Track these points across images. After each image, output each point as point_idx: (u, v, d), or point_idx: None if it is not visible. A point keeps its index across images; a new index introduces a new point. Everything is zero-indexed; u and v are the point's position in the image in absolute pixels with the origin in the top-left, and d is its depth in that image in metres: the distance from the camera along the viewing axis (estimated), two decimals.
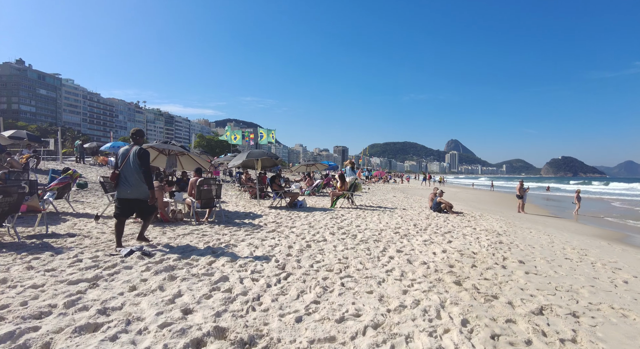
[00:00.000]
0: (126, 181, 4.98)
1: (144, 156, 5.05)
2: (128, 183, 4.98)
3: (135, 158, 4.99)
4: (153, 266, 4.19)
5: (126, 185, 4.98)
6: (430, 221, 9.91)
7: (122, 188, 5.00)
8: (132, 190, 5.00)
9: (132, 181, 4.98)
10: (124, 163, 5.00)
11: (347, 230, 7.43)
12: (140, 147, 5.15)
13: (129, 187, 4.98)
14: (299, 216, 9.38)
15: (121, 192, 5.01)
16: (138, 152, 5.03)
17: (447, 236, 7.51)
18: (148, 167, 5.12)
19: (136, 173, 4.99)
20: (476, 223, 10.41)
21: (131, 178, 4.98)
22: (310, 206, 12.00)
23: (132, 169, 4.98)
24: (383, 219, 9.60)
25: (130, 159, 5.00)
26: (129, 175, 4.97)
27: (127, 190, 4.99)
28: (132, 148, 5.09)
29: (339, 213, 10.23)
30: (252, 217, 8.93)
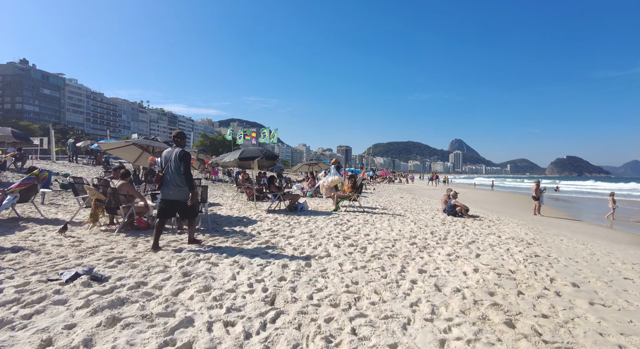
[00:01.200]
0: (168, 183, 5.10)
1: (185, 158, 5.14)
2: (170, 185, 5.10)
3: (177, 160, 5.09)
4: (96, 300, 3.08)
5: (168, 187, 5.10)
6: (448, 227, 8.75)
7: (165, 190, 5.13)
8: (173, 191, 5.11)
9: (174, 182, 5.09)
10: (167, 165, 5.12)
11: (355, 241, 6.29)
12: (182, 149, 5.23)
13: (171, 188, 5.10)
14: (298, 222, 8.25)
15: (164, 193, 5.14)
16: (180, 154, 5.14)
17: (472, 247, 6.36)
18: (189, 169, 5.21)
19: (178, 175, 5.10)
20: (498, 229, 9.26)
21: (173, 179, 5.09)
22: (312, 210, 10.87)
23: (174, 171, 5.09)
24: (394, 225, 8.45)
25: (172, 161, 5.11)
26: (171, 177, 5.09)
27: (170, 191, 5.10)
28: (174, 150, 5.18)
29: (344, 218, 9.10)
30: (245, 223, 7.81)
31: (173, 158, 5.12)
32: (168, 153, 5.23)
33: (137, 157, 9.33)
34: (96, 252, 4.74)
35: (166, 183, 5.13)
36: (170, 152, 5.22)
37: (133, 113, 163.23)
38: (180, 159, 5.12)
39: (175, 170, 5.10)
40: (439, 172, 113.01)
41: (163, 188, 5.15)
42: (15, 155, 14.56)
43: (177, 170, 5.10)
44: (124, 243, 5.42)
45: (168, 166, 5.12)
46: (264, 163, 11.39)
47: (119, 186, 6.38)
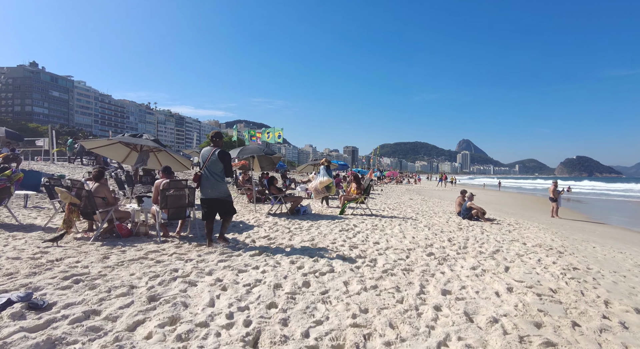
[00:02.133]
0: (207, 182, 5.24)
1: (225, 157, 5.32)
2: (209, 184, 5.24)
3: (217, 160, 5.23)
4: (15, 343, 2.30)
5: (207, 185, 5.24)
6: (466, 233, 7.89)
7: (205, 189, 5.27)
8: (212, 189, 5.25)
9: (212, 181, 5.24)
10: (205, 164, 5.24)
11: (363, 251, 5.44)
12: (222, 149, 5.40)
13: (209, 187, 5.25)
14: (300, 227, 7.44)
15: (204, 192, 5.29)
16: (219, 153, 5.28)
17: (498, 258, 5.49)
18: (230, 168, 5.42)
19: (218, 173, 5.26)
20: (520, 234, 8.39)
21: (212, 178, 5.24)
22: (315, 213, 10.05)
23: (213, 170, 5.24)
24: (407, 231, 7.60)
25: (211, 161, 5.23)
26: (210, 176, 5.23)
27: (209, 189, 5.25)
28: (213, 150, 5.29)
29: (351, 223, 8.27)
30: (240, 229, 7.02)
31: (213, 158, 5.24)
32: (207, 152, 5.33)
33: (126, 156, 8.61)
34: (55, 267, 3.97)
35: (205, 182, 5.25)
36: (209, 152, 5.32)
37: (140, 114, 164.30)
38: (221, 158, 5.27)
39: (214, 169, 5.25)
40: (446, 172, 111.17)
41: (202, 187, 5.28)
42: (8, 156, 13.96)
43: (217, 169, 5.26)
44: (95, 254, 4.66)
45: (208, 165, 5.25)
46: (265, 163, 10.62)
47: (95, 189, 5.63)
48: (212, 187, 5.28)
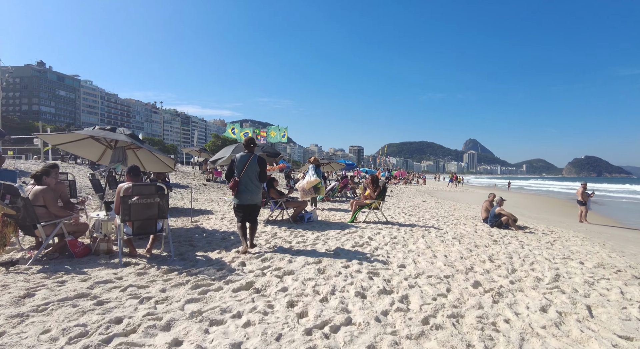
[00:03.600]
0: (247, 188, 5.22)
1: (264, 164, 5.39)
2: (249, 190, 5.23)
3: (256, 166, 5.27)
4: None
5: (247, 192, 5.23)
6: (504, 247, 6.48)
7: (244, 195, 5.23)
8: (252, 195, 5.26)
9: (252, 187, 5.25)
10: (244, 170, 5.21)
11: (387, 281, 4.03)
12: (259, 155, 5.42)
13: (249, 193, 5.24)
14: (303, 241, 6.07)
15: (243, 198, 5.24)
16: (258, 160, 5.33)
17: (566, 289, 4.08)
18: (265, 173, 5.45)
19: (256, 179, 5.29)
20: (565, 247, 7.04)
21: (251, 184, 5.25)
22: (322, 221, 8.67)
23: (252, 176, 5.26)
24: (434, 246, 6.20)
25: (249, 167, 5.22)
26: (250, 182, 5.23)
27: (248, 195, 5.24)
28: (251, 156, 5.29)
29: (365, 235, 6.88)
30: (229, 244, 5.65)
31: (252, 164, 5.24)
32: (243, 158, 5.28)
33: (101, 155, 7.32)
34: None
35: (244, 188, 5.21)
36: (246, 157, 5.29)
37: (146, 114, 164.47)
38: (260, 165, 5.31)
39: (253, 175, 5.25)
40: (452, 172, 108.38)
41: (241, 193, 5.21)
42: None
43: (256, 175, 5.27)
44: (15, 288, 3.34)
45: (247, 171, 5.21)
46: None
47: (34, 194, 4.32)
48: (253, 193, 5.26)
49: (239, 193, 5.22)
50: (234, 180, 5.19)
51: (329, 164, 17.61)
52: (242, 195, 5.22)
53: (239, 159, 5.31)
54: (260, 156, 5.43)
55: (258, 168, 5.29)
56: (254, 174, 5.26)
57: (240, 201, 5.24)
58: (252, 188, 5.24)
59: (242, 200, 5.23)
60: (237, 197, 5.25)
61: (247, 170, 5.22)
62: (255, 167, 5.27)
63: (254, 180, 5.25)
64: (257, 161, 5.30)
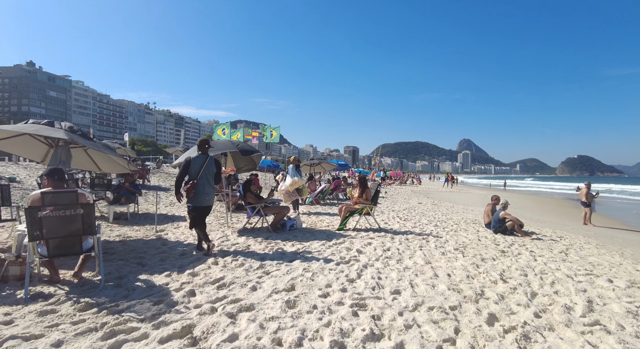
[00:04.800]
0: (204, 190, 5.17)
1: (219, 165, 5.44)
2: (206, 192, 5.19)
3: (213, 167, 5.28)
4: None
5: (204, 193, 5.17)
6: (515, 260, 5.54)
7: (201, 196, 5.15)
8: (209, 197, 5.25)
9: (208, 189, 5.23)
10: (201, 172, 5.13)
11: (378, 317, 3.00)
12: (212, 156, 5.40)
13: (206, 195, 5.21)
14: (279, 257, 5.04)
15: (200, 200, 5.16)
16: (215, 161, 5.36)
17: (610, 326, 3.14)
18: (220, 175, 5.51)
19: (212, 181, 5.30)
20: (581, 257, 6.21)
21: (208, 186, 5.22)
22: (306, 228, 7.68)
23: (209, 178, 5.24)
24: (435, 261, 5.21)
25: (206, 168, 5.18)
26: (206, 184, 5.20)
27: (206, 197, 5.21)
28: (207, 158, 5.26)
29: (353, 247, 5.89)
30: (184, 264, 4.58)
31: (208, 166, 5.20)
32: (200, 160, 5.21)
33: (45, 155, 6.27)
34: None
35: (201, 190, 5.12)
36: (202, 159, 5.23)
37: (139, 115, 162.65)
38: (217, 166, 5.34)
39: (210, 177, 5.24)
40: (447, 172, 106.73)
41: (199, 195, 5.12)
42: None
43: (212, 177, 5.27)
44: None
45: (204, 173, 5.14)
46: (241, 162, 8.27)
47: None
48: (209, 195, 5.23)
49: (196, 195, 5.11)
50: (192, 182, 5.05)
51: (320, 164, 16.62)
52: (200, 197, 5.15)
53: (195, 161, 5.22)
54: (215, 158, 5.45)
55: (215, 169, 5.31)
56: (211, 176, 5.26)
57: (195, 203, 5.15)
58: (209, 190, 5.24)
59: (199, 201, 5.16)
60: (195, 199, 5.13)
61: (204, 171, 5.16)
62: (212, 168, 5.29)
63: (210, 181, 5.25)
64: (214, 162, 5.33)
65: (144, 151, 73.82)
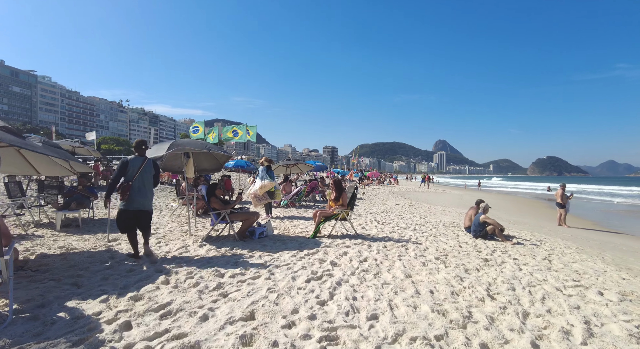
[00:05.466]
0: (140, 193, 4.93)
1: (157, 167, 5.31)
2: (142, 195, 4.95)
3: (151, 169, 5.10)
4: None
5: (140, 196, 4.93)
6: (499, 270, 5.16)
7: (136, 200, 4.89)
8: (145, 200, 4.99)
9: (145, 192, 5.00)
10: (137, 174, 4.92)
11: None
12: (151, 159, 5.22)
13: (142, 198, 4.95)
14: (242, 273, 4.44)
15: (134, 204, 4.89)
16: (153, 163, 5.20)
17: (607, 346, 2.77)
18: (158, 178, 5.36)
19: (150, 184, 5.09)
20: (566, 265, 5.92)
21: (144, 189, 4.99)
22: (278, 236, 7.10)
23: (146, 180, 5.03)
24: (415, 274, 4.74)
25: (144, 170, 4.99)
26: (143, 186, 4.97)
27: (141, 201, 4.94)
28: (145, 159, 5.06)
29: (327, 259, 5.35)
30: (129, 285, 3.90)
31: (147, 167, 5.03)
32: (137, 161, 4.99)
33: None
34: None
35: (137, 192, 4.90)
36: (140, 160, 5.00)
37: (112, 112, 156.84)
38: (155, 168, 5.19)
39: (148, 179, 5.05)
40: (423, 172, 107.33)
41: (134, 198, 4.87)
42: None
43: (150, 179, 5.09)
44: None
45: (142, 175, 4.95)
46: (206, 163, 7.58)
47: None
48: (145, 198, 5.00)
49: (130, 198, 4.87)
50: (126, 185, 4.83)
51: (296, 165, 16.03)
52: (134, 200, 4.89)
53: (133, 162, 4.98)
54: (154, 160, 5.29)
55: (153, 171, 5.14)
56: (149, 178, 5.06)
57: (131, 206, 4.88)
58: (146, 192, 5.02)
59: (133, 205, 4.89)
60: (129, 202, 4.88)
61: (141, 173, 4.96)
62: (151, 170, 5.11)
63: (147, 184, 5.04)
64: (152, 164, 5.15)
65: (116, 150, 70.93)
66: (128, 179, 4.88)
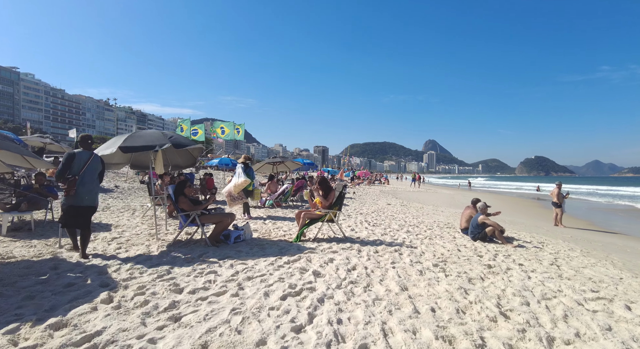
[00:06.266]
0: (85, 188, 4.78)
1: (103, 163, 5.12)
2: (89, 190, 4.82)
3: (98, 164, 4.96)
4: None
5: (86, 192, 4.80)
6: (507, 280, 4.50)
7: (81, 195, 4.75)
8: (91, 196, 4.88)
9: (92, 187, 4.87)
10: (84, 168, 4.78)
11: None
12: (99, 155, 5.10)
13: (88, 193, 4.82)
14: (205, 287, 3.67)
15: (79, 199, 4.75)
16: (100, 158, 5.05)
17: None
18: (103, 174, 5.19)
19: (97, 179, 4.97)
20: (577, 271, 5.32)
21: (91, 184, 4.86)
22: (258, 239, 6.34)
23: (93, 175, 4.90)
24: (412, 285, 4.04)
25: (91, 165, 4.86)
26: (89, 181, 4.83)
27: (86, 196, 4.81)
28: (92, 154, 4.95)
29: (310, 266, 4.63)
30: (56, 305, 3.13)
31: (93, 163, 4.88)
32: (84, 155, 4.83)
33: None
34: None
35: (82, 188, 4.74)
36: (87, 155, 4.86)
37: (98, 111, 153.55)
38: (102, 163, 5.06)
39: (95, 174, 4.92)
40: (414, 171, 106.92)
41: (80, 194, 4.72)
42: None
43: (97, 174, 4.95)
44: None
45: (88, 170, 4.80)
46: (177, 159, 6.78)
47: None
48: (90, 193, 4.83)
49: (78, 194, 4.71)
50: (73, 178, 4.65)
51: (283, 163, 15.26)
52: (80, 196, 4.73)
53: (79, 156, 4.79)
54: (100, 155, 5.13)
55: (100, 167, 4.99)
56: (95, 173, 4.91)
57: (77, 202, 4.72)
58: (92, 187, 4.88)
59: (78, 200, 4.72)
60: (77, 198, 4.71)
61: (87, 168, 4.78)
62: (98, 165, 4.96)
63: (94, 179, 4.90)
64: (100, 160, 5.01)
65: None
66: (74, 173, 4.71)
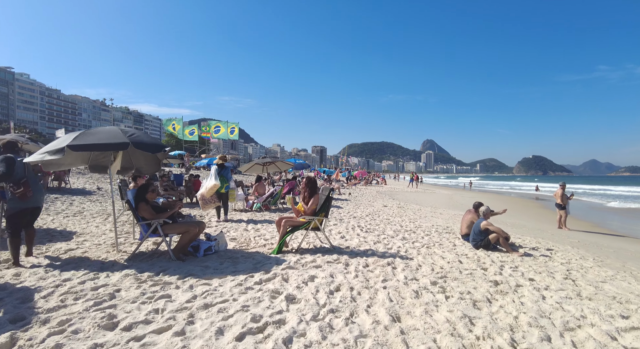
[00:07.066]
0: (36, 187, 4.78)
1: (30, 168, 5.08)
2: (38, 190, 4.83)
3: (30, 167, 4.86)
4: None
5: (37, 192, 4.78)
6: (518, 302, 3.79)
7: (36, 196, 4.75)
8: (41, 196, 4.89)
9: (40, 187, 4.90)
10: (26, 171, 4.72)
11: None
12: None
13: (39, 193, 4.84)
14: (147, 321, 2.93)
15: (34, 200, 4.74)
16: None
17: None
18: None
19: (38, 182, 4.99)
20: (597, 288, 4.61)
21: (38, 185, 4.88)
22: (233, 250, 5.60)
23: (35, 177, 4.90)
24: (405, 312, 3.32)
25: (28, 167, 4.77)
26: (35, 183, 4.83)
27: (40, 196, 4.85)
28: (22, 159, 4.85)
29: (286, 286, 3.90)
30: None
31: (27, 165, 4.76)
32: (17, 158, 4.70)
33: None
34: None
35: (35, 188, 4.73)
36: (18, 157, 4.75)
37: (95, 111, 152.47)
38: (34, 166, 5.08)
39: (35, 175, 4.93)
40: (411, 171, 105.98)
41: (36, 195, 4.72)
42: None
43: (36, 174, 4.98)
44: None
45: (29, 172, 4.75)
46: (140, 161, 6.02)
47: None
48: (41, 193, 4.86)
49: (34, 195, 4.65)
50: (25, 181, 4.53)
51: (274, 163, 14.52)
52: (35, 197, 4.69)
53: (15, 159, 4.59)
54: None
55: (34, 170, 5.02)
56: (34, 174, 4.88)
57: (31, 204, 4.67)
58: (40, 187, 4.88)
59: (34, 201, 4.71)
60: (31, 200, 4.62)
61: (28, 170, 4.73)
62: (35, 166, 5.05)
63: (37, 180, 4.89)
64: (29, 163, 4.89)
65: None
66: (20, 177, 4.52)
